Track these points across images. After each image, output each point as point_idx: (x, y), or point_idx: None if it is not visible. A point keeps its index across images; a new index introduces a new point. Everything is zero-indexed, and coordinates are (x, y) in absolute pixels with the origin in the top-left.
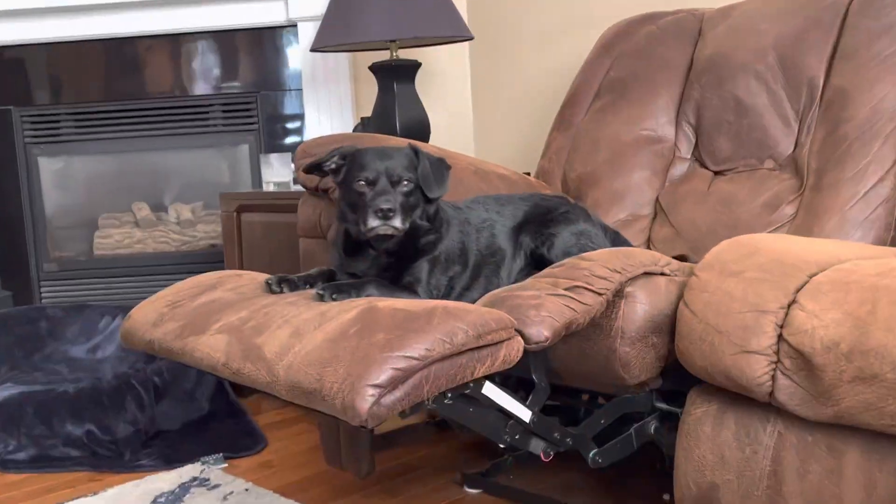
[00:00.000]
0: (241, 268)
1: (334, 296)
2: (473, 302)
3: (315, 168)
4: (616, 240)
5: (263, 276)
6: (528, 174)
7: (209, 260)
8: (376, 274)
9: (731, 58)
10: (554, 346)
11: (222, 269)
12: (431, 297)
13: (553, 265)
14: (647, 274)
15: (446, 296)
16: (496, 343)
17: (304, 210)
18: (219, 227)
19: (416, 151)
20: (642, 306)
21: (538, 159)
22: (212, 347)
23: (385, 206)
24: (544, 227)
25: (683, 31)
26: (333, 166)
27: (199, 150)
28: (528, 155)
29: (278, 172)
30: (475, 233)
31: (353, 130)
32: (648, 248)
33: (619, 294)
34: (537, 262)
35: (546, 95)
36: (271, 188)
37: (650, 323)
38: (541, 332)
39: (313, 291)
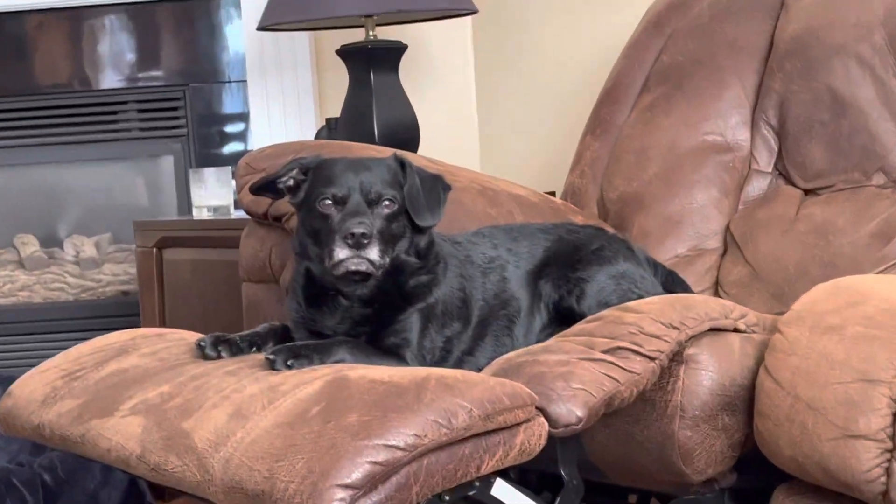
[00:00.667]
0: (163, 323)
1: (290, 362)
2: (479, 370)
3: (265, 187)
4: (670, 284)
5: (194, 336)
6: (553, 194)
7: (119, 312)
8: (348, 331)
9: (824, 37)
10: (590, 429)
11: (137, 325)
12: (423, 363)
13: (586, 320)
14: (714, 330)
15: (442, 362)
16: (510, 427)
17: (250, 244)
18: (132, 268)
19: (402, 164)
20: (709, 374)
21: (565, 174)
22: (123, 434)
23: (357, 229)
24: (572, 269)
25: (759, 1)
26: (291, 183)
27: (107, 164)
28: (552, 168)
29: (214, 193)
30: (480, 276)
31: (316, 136)
32: (716, 294)
33: (677, 358)
34: (564, 317)
35: (576, 88)
36: (204, 215)
37: (720, 397)
38: (571, 411)
39: (261, 356)
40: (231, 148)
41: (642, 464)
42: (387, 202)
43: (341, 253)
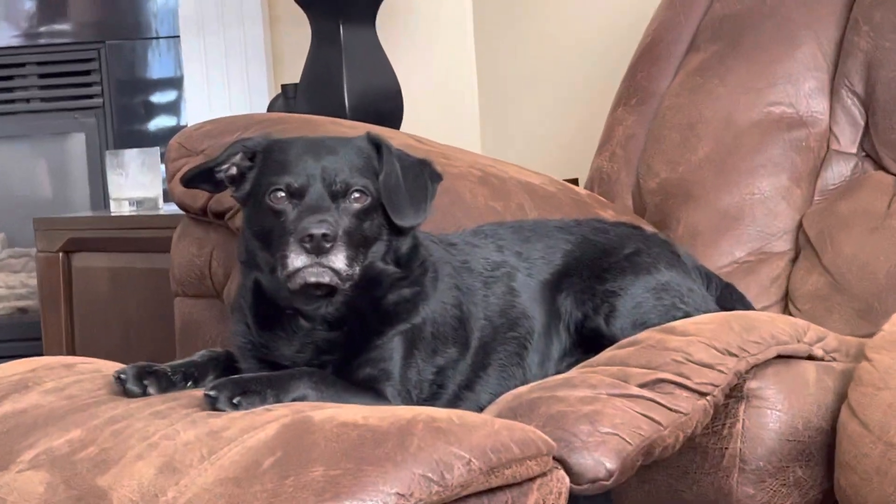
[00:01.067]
0: (72, 349)
1: (236, 400)
2: (481, 409)
3: (200, 177)
4: (727, 299)
5: (112, 367)
6: (575, 182)
7: (16, 335)
8: (311, 361)
9: None
10: (623, 486)
11: (39, 351)
12: (408, 400)
13: (618, 345)
14: (783, 358)
15: (432, 399)
16: (521, 483)
17: (184, 248)
18: (32, 278)
19: (377, 145)
20: (777, 415)
21: (590, 157)
22: (20, 494)
23: (317, 229)
24: (600, 279)
25: None
26: (233, 171)
27: None
28: (574, 149)
29: (138, 182)
30: (482, 288)
31: (269, 108)
32: (786, 310)
33: (735, 394)
34: (589, 341)
35: (605, 46)
36: (125, 210)
37: (791, 444)
38: (600, 462)
39: (199, 393)
40: (160, 123)
41: None
42: (356, 194)
43: (297, 260)
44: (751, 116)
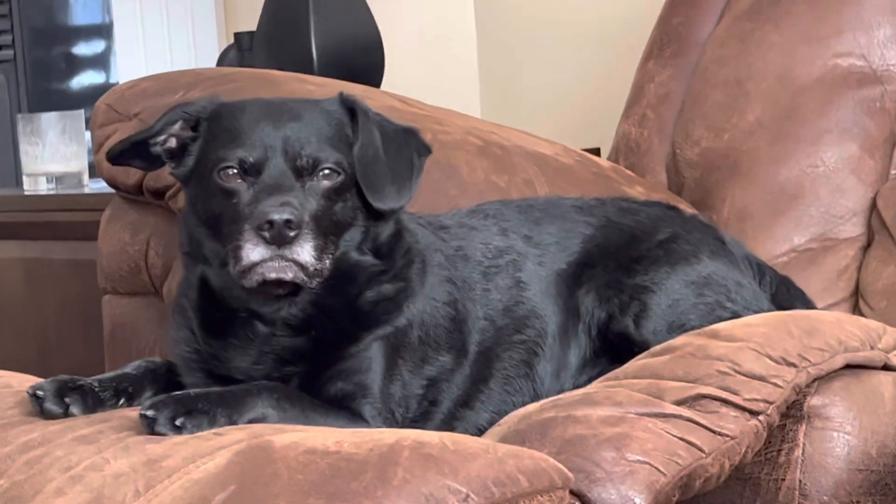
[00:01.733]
0: None
1: (179, 422)
2: (481, 432)
3: (134, 150)
4: (783, 295)
5: (26, 381)
6: (596, 153)
7: None
8: (270, 374)
9: None
10: None
11: None
12: (391, 421)
13: (650, 352)
14: (853, 367)
15: (422, 419)
16: None
17: (114, 235)
18: None
19: (352, 108)
20: (845, 438)
21: (614, 122)
22: None
23: (278, 214)
24: (628, 270)
25: None
26: (173, 144)
27: None
28: (594, 113)
29: (58, 153)
30: (481, 280)
31: (220, 63)
32: (856, 309)
33: (794, 413)
34: (615, 347)
35: None
36: (41, 187)
37: (863, 474)
38: (627, 497)
39: (134, 413)
40: (85, 80)
41: None
42: (326, 171)
43: (254, 252)
44: (812, 71)
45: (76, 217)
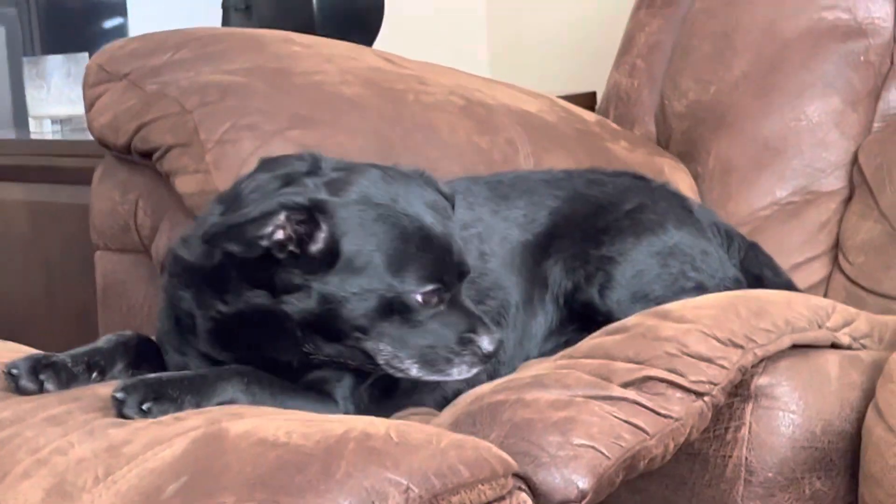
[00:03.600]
0: None
1: (146, 406)
2: (447, 400)
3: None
4: (751, 262)
5: (5, 353)
6: (592, 97)
7: None
8: (243, 357)
9: None
10: (612, 498)
11: None
12: (360, 403)
13: (604, 330)
14: (800, 348)
15: (385, 395)
16: None
17: (105, 193)
18: None
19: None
20: (790, 417)
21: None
22: None
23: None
24: (594, 241)
25: None
26: (279, 236)
27: None
28: (594, 58)
29: (63, 97)
30: None
31: (224, 15)
32: (835, 264)
33: (741, 392)
34: (581, 316)
35: None
36: (46, 130)
37: (807, 451)
38: (570, 480)
39: (105, 391)
40: (98, 25)
41: None
42: None
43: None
44: (798, 24)
45: (79, 163)
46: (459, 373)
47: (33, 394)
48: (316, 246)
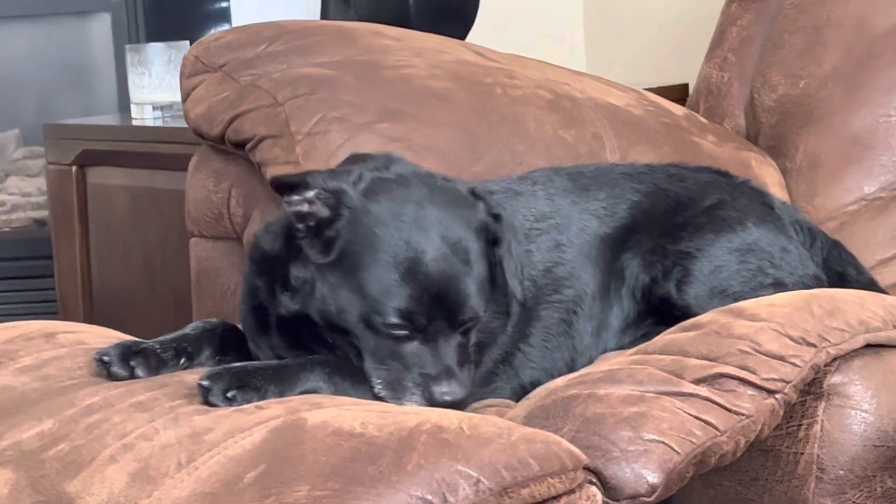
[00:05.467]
0: (88, 279)
1: (231, 394)
2: (523, 388)
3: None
4: (834, 261)
5: (98, 337)
6: (684, 89)
7: (32, 252)
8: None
9: None
10: (684, 492)
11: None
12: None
13: (680, 326)
14: (873, 347)
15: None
16: (542, 502)
17: (199, 182)
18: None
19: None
20: (862, 415)
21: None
22: None
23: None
24: (672, 237)
25: None
26: (303, 208)
27: (12, 25)
28: (686, 51)
29: (163, 84)
30: (523, 241)
31: (322, 9)
32: None
33: (814, 390)
34: (658, 311)
35: None
36: (147, 117)
37: (879, 450)
38: (640, 475)
39: (191, 378)
40: (200, 10)
41: None
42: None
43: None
44: (889, 19)
45: (178, 149)
46: (411, 403)
47: (124, 379)
48: (330, 234)
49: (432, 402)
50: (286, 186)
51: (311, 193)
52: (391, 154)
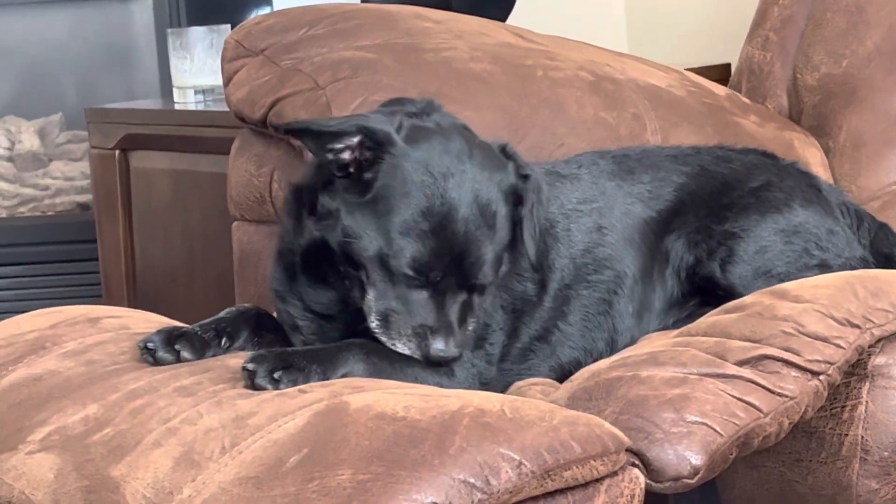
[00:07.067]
0: (132, 262)
1: (277, 375)
2: (562, 367)
3: (311, 136)
4: (881, 241)
5: (141, 322)
6: (727, 69)
7: (77, 236)
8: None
9: None
10: (727, 474)
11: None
12: (480, 374)
13: (723, 307)
14: None
15: (502, 359)
16: (584, 485)
17: (241, 166)
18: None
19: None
20: None
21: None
22: (29, 479)
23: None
24: (718, 218)
25: None
26: (347, 156)
27: (52, 9)
28: (728, 29)
29: (205, 68)
30: (563, 221)
31: None
32: None
33: (858, 371)
34: (702, 291)
35: None
36: (190, 101)
37: None
38: (683, 457)
39: (234, 363)
40: None
41: None
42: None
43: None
44: None
45: (220, 133)
46: (402, 349)
47: (170, 363)
48: (368, 175)
49: (426, 356)
50: (328, 137)
51: (354, 140)
52: (433, 101)
